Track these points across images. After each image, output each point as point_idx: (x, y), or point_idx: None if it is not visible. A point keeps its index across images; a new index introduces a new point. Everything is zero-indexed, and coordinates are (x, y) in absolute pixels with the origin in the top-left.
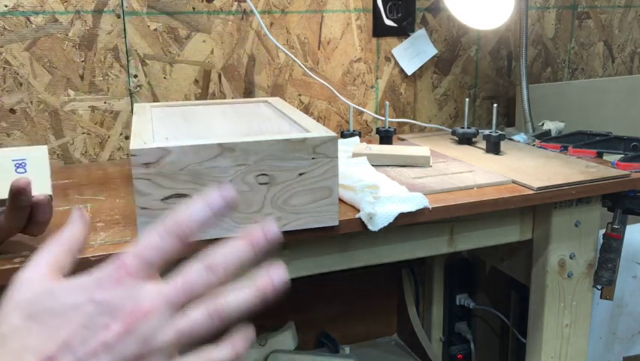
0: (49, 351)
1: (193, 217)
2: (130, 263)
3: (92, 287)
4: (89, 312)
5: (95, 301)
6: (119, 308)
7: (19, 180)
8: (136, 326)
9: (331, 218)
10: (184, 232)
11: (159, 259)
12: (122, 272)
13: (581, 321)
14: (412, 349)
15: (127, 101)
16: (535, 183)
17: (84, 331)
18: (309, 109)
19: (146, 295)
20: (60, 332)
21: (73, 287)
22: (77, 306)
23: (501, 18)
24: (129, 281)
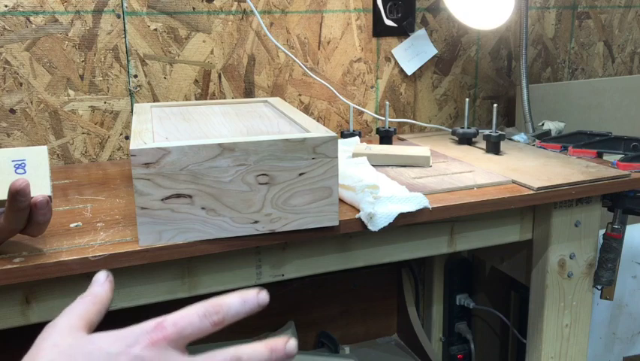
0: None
1: (230, 307)
2: (168, 329)
3: (129, 340)
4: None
5: (131, 354)
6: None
7: (18, 181)
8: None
9: (331, 218)
10: (219, 318)
11: (192, 334)
12: (160, 335)
13: (581, 321)
14: (412, 349)
15: (127, 101)
16: (535, 183)
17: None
18: (309, 109)
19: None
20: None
21: (111, 337)
22: (114, 355)
23: (501, 18)
24: (164, 345)
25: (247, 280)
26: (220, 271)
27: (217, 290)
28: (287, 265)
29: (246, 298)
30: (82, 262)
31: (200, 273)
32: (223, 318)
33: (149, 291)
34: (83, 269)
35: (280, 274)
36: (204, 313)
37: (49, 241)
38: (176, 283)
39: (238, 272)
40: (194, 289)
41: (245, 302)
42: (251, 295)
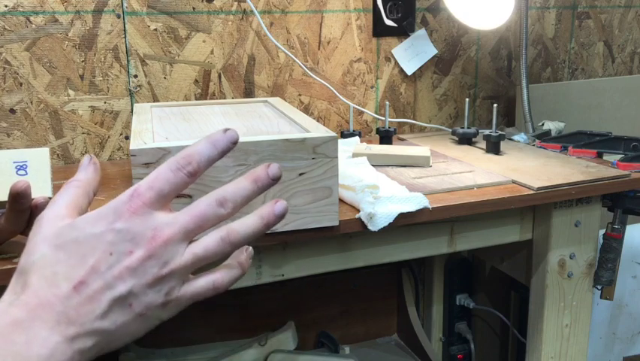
0: (80, 276)
1: (201, 154)
2: (144, 193)
3: (110, 217)
4: (112, 240)
5: (115, 229)
6: (139, 235)
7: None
8: (156, 251)
9: (331, 218)
10: (193, 167)
11: (171, 191)
12: (138, 202)
13: (581, 321)
14: (412, 349)
15: (127, 101)
16: (535, 183)
17: (109, 257)
18: (309, 109)
19: (164, 223)
20: (87, 259)
21: (93, 218)
22: (99, 235)
23: (501, 18)
24: (145, 210)
25: (247, 280)
26: None
27: None
28: (287, 265)
29: (214, 140)
30: None
31: None
32: (197, 166)
33: None
34: None
35: (280, 274)
36: (177, 167)
37: None
38: None
39: None
40: None
41: (214, 144)
42: (218, 136)
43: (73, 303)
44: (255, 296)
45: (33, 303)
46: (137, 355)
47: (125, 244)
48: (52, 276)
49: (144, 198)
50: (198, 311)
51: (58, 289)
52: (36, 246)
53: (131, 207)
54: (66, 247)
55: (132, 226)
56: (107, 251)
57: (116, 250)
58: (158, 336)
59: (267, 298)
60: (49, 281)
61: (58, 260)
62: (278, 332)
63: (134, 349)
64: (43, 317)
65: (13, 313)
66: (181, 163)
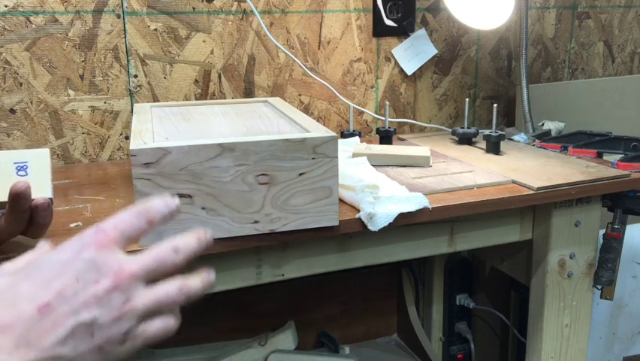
0: (45, 299)
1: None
2: (109, 231)
3: (76, 247)
4: (79, 268)
5: (83, 258)
6: (106, 266)
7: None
8: (122, 284)
9: (331, 218)
10: (152, 218)
11: (132, 235)
12: (103, 237)
13: (581, 321)
14: (412, 349)
15: (127, 101)
16: (535, 183)
17: (76, 283)
18: (309, 109)
19: (128, 259)
20: (53, 283)
21: (60, 248)
22: (66, 262)
23: (501, 18)
24: (111, 245)
25: (247, 280)
26: (220, 271)
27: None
28: (287, 265)
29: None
30: None
31: None
32: (152, 218)
33: None
34: None
35: (280, 274)
36: (137, 214)
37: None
38: None
39: (238, 272)
40: None
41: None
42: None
43: (35, 325)
44: (255, 296)
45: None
46: (136, 355)
47: (92, 273)
48: (14, 298)
49: (109, 234)
50: (198, 311)
51: (21, 310)
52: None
53: (97, 240)
54: (29, 271)
55: (99, 256)
56: (73, 277)
57: (82, 278)
58: None
59: (267, 298)
60: (9, 303)
61: (20, 284)
62: (278, 332)
63: None
64: (3, 341)
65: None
66: (141, 212)
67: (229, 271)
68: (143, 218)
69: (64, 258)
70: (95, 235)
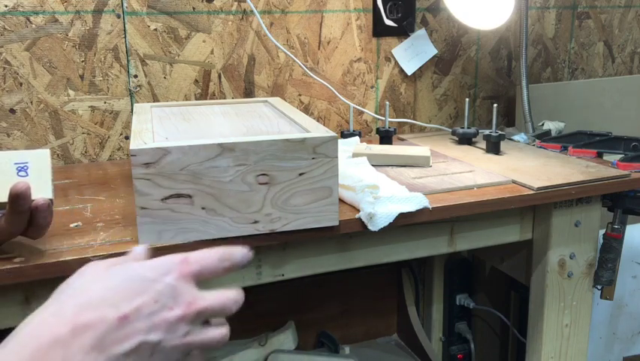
0: (126, 311)
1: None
2: (192, 264)
3: (163, 270)
4: (160, 290)
5: (165, 282)
6: (181, 297)
7: (19, 184)
8: (189, 317)
9: (331, 218)
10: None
11: (209, 276)
12: (187, 269)
13: (581, 321)
14: (412, 349)
15: (127, 101)
16: (535, 183)
17: (154, 304)
18: (309, 109)
19: (200, 295)
20: (135, 298)
21: (148, 265)
22: (151, 280)
23: (501, 18)
24: (190, 278)
25: (247, 280)
26: None
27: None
28: (287, 265)
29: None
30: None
31: None
32: (231, 266)
33: None
34: None
35: (280, 274)
36: (220, 258)
37: (50, 241)
38: None
39: (238, 272)
40: None
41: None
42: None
43: (111, 333)
44: (255, 296)
45: (79, 320)
46: None
47: (169, 299)
48: (100, 302)
49: (192, 268)
50: None
51: (104, 315)
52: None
53: (181, 269)
54: (121, 279)
55: (178, 285)
56: (153, 298)
57: (160, 300)
58: None
59: (267, 298)
60: (96, 306)
61: (109, 287)
62: (278, 332)
63: None
64: (83, 339)
65: (56, 329)
66: (224, 257)
67: None
68: (223, 265)
69: (150, 277)
70: (180, 264)
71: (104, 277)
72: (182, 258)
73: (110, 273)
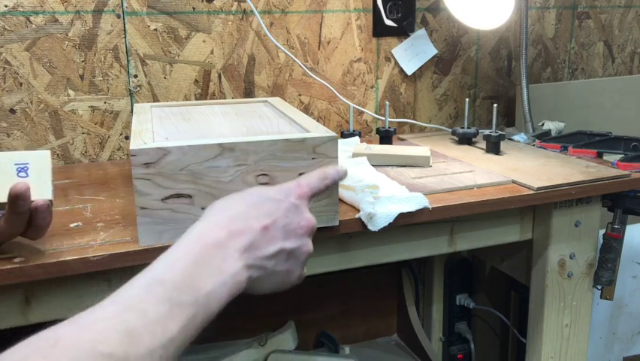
0: (266, 222)
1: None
2: (305, 188)
3: (287, 192)
4: (288, 207)
5: (292, 202)
6: (303, 214)
7: (18, 184)
8: (309, 232)
9: (331, 218)
10: (328, 183)
11: (316, 194)
12: (302, 190)
13: (581, 321)
14: (412, 349)
15: (127, 101)
16: (535, 183)
17: (285, 219)
18: (309, 109)
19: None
20: (272, 213)
21: (275, 190)
22: (280, 201)
23: (501, 18)
24: (305, 198)
25: None
26: None
27: None
28: None
29: (337, 169)
30: (82, 261)
31: None
32: (330, 182)
33: None
34: (83, 269)
35: None
36: (320, 178)
37: (50, 241)
38: None
39: None
40: None
41: (337, 171)
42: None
43: (257, 239)
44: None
45: (232, 228)
46: None
47: (296, 216)
48: (247, 217)
49: (305, 189)
50: None
51: (251, 225)
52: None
53: (298, 191)
54: (257, 200)
55: (300, 205)
56: (284, 214)
57: (290, 216)
58: None
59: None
60: (244, 219)
61: (249, 205)
62: (278, 332)
63: None
64: (237, 242)
65: (216, 233)
66: (322, 176)
67: None
68: (323, 182)
69: (278, 198)
70: (297, 188)
71: (244, 198)
72: (296, 183)
73: (247, 195)
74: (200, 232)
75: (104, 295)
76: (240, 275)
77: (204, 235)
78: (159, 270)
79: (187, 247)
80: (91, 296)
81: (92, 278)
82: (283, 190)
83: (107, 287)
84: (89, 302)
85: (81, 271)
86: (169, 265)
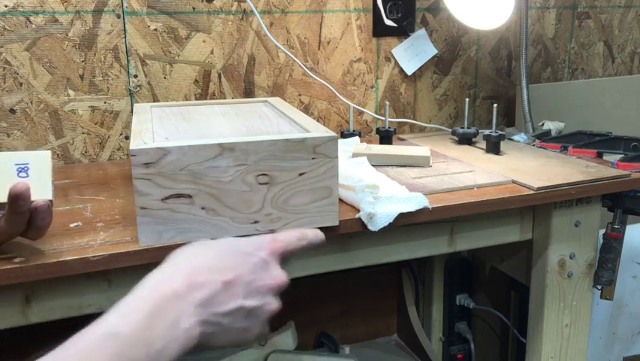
0: (229, 277)
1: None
2: (280, 243)
3: (257, 246)
4: (257, 263)
5: (260, 257)
6: (270, 272)
7: (18, 184)
8: (274, 290)
9: (331, 218)
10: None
11: (291, 253)
12: (276, 246)
13: (581, 321)
14: (412, 349)
15: (127, 101)
16: (535, 183)
17: (251, 275)
18: (309, 109)
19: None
20: (237, 268)
21: (245, 242)
22: (249, 254)
23: (501, 18)
24: (276, 255)
25: None
26: None
27: None
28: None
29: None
30: (82, 261)
31: None
32: (306, 244)
33: None
34: (84, 269)
35: None
36: (298, 238)
37: (50, 241)
38: None
39: None
40: None
41: (316, 235)
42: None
43: (217, 294)
44: None
45: (193, 279)
46: None
47: (264, 273)
48: (210, 268)
49: (280, 245)
50: None
51: (214, 278)
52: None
53: (272, 247)
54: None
55: (270, 261)
56: (251, 269)
57: (256, 272)
58: None
59: None
60: (206, 270)
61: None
62: (278, 332)
63: None
64: (196, 295)
65: (175, 284)
66: (300, 236)
67: None
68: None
69: (248, 251)
70: (271, 243)
71: (212, 248)
72: (271, 237)
73: (216, 244)
74: (161, 278)
75: (104, 294)
76: (193, 330)
77: (163, 283)
78: (114, 321)
79: (145, 294)
80: (91, 296)
81: (92, 278)
82: (255, 243)
83: (107, 287)
84: (89, 302)
85: (81, 271)
86: (124, 317)
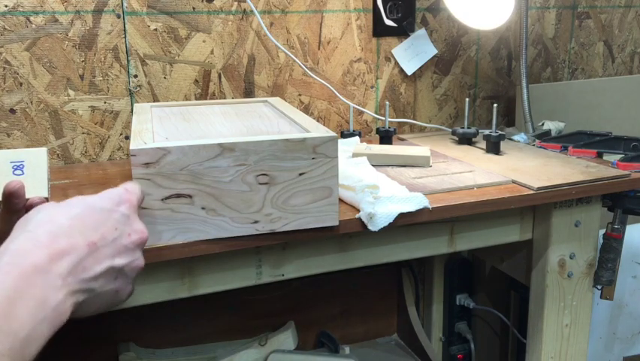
0: (93, 238)
1: None
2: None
3: (116, 201)
4: (117, 219)
5: (120, 212)
6: (134, 225)
7: (12, 182)
8: (140, 244)
9: (331, 218)
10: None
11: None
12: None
13: (581, 321)
14: (412, 349)
15: (127, 101)
16: (535, 183)
17: (115, 232)
18: (309, 109)
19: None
20: (100, 228)
21: (103, 197)
22: (109, 210)
23: (501, 18)
24: (134, 207)
25: (247, 279)
26: (220, 270)
27: (217, 290)
28: (287, 265)
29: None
30: None
31: (201, 273)
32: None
33: (150, 291)
34: None
35: (280, 274)
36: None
37: None
38: (177, 282)
39: (238, 272)
40: (195, 288)
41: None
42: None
43: (84, 257)
44: (255, 296)
45: (54, 247)
46: (137, 355)
47: (126, 227)
48: (70, 231)
49: (134, 197)
50: (198, 311)
51: (75, 242)
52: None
53: (128, 199)
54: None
55: (131, 214)
56: (113, 226)
57: (119, 228)
58: (158, 336)
59: (267, 298)
60: (66, 235)
61: (73, 217)
62: (278, 332)
63: (134, 349)
64: (60, 265)
65: (34, 256)
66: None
67: (229, 271)
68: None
69: (107, 207)
70: (126, 194)
71: (66, 208)
72: (124, 189)
73: (68, 204)
74: (17, 252)
75: None
76: (63, 305)
77: (21, 258)
78: None
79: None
80: None
81: None
82: (111, 198)
83: None
84: None
85: None
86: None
